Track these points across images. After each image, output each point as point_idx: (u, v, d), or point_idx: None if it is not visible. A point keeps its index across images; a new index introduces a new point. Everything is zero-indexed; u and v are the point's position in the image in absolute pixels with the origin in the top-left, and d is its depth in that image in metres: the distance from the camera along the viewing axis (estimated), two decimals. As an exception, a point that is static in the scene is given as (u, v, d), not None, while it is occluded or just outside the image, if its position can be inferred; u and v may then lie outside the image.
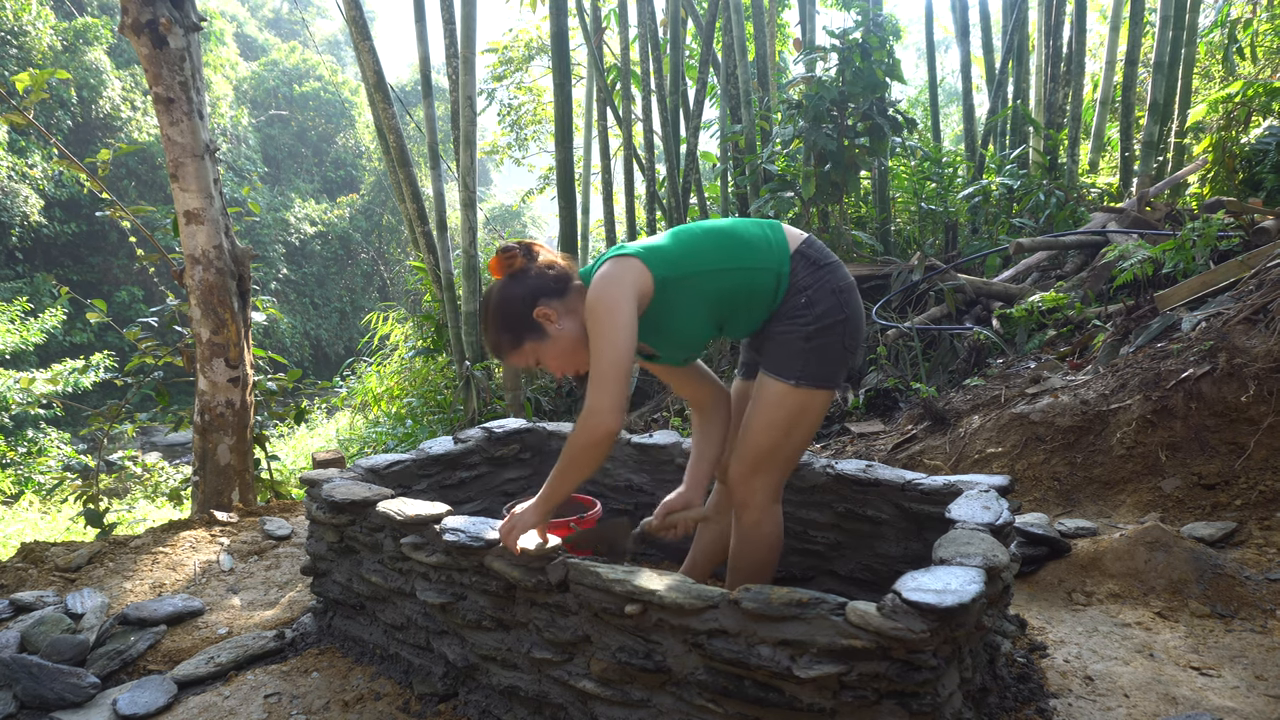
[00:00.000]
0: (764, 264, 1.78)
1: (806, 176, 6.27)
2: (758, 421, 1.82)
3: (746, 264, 1.78)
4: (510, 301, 1.77)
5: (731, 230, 1.84)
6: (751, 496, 1.86)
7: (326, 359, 21.99)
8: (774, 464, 1.85)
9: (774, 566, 1.94)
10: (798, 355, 1.77)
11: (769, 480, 1.86)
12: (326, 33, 33.48)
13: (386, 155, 6.91)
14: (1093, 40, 9.67)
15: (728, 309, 1.82)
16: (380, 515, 1.98)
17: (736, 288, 1.79)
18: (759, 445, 1.82)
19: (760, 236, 1.83)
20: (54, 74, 3.82)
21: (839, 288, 1.80)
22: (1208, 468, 2.79)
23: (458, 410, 6.37)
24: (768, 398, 1.80)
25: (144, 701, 1.94)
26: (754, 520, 1.88)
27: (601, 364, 1.64)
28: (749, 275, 1.78)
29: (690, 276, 1.76)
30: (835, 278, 1.81)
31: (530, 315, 1.76)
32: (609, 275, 1.70)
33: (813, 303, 1.76)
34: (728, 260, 1.78)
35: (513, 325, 1.77)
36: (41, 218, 16.34)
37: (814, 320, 1.76)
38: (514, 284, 1.79)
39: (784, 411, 1.79)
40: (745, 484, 1.86)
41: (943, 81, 15.29)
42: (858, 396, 5.06)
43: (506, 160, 13.67)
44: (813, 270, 1.79)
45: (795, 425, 1.81)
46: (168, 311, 4.19)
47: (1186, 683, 1.82)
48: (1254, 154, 5.81)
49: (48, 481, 7.29)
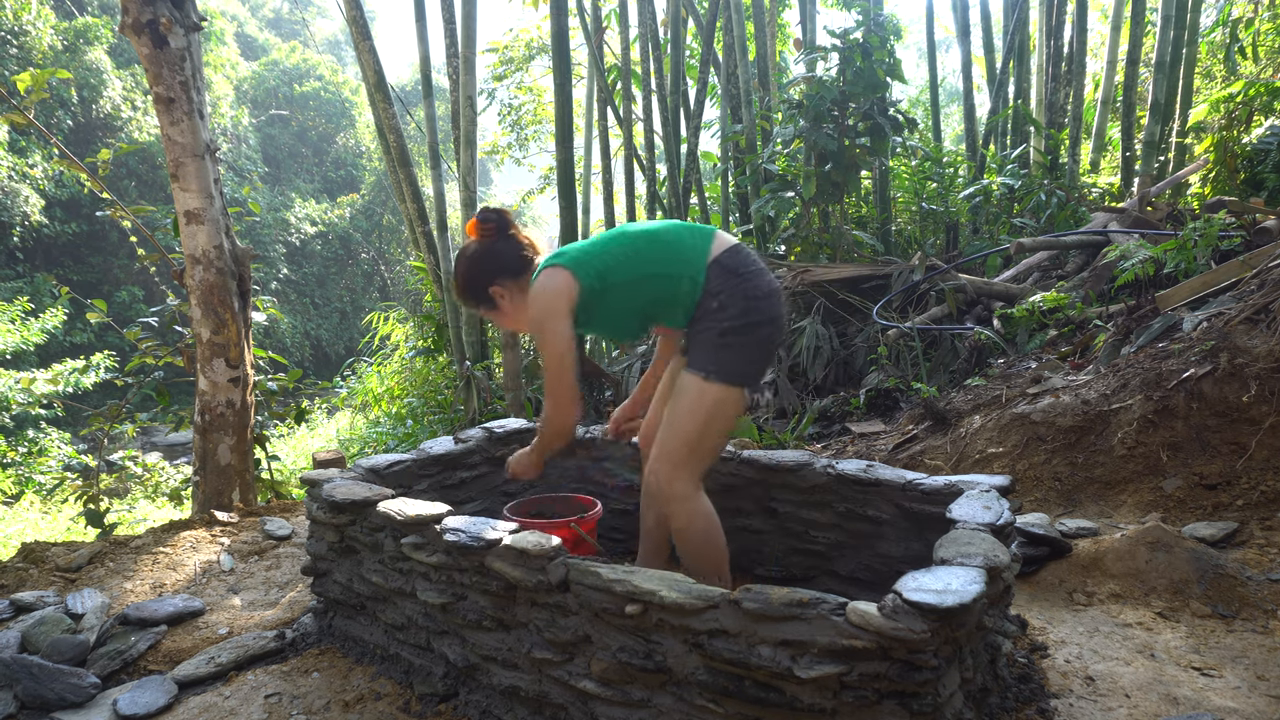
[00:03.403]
0: (681, 271, 1.95)
1: (807, 176, 6.27)
2: (676, 412, 1.94)
3: (665, 270, 1.96)
4: (473, 272, 2.09)
5: (657, 237, 2.01)
6: (675, 487, 1.93)
7: (327, 359, 21.99)
8: (694, 454, 1.94)
9: (723, 549, 1.96)
10: (711, 352, 1.92)
11: (689, 473, 1.94)
12: (327, 32, 33.48)
13: (387, 155, 6.91)
14: (1094, 40, 9.66)
15: (650, 309, 2.02)
16: (381, 515, 1.98)
17: (656, 292, 1.98)
18: (680, 434, 1.93)
19: (683, 244, 1.98)
20: (54, 74, 3.81)
21: (753, 294, 1.92)
22: (1209, 468, 2.79)
23: (458, 410, 6.37)
24: (685, 390, 1.94)
25: (144, 702, 1.94)
26: (684, 520, 1.93)
27: (549, 374, 1.96)
28: (667, 281, 1.96)
29: (614, 285, 1.97)
30: (751, 285, 1.93)
31: (486, 289, 2.07)
32: (543, 291, 1.94)
33: (724, 306, 1.91)
34: (648, 267, 1.97)
35: (472, 291, 2.11)
36: (42, 217, 16.34)
37: (725, 320, 1.90)
38: (481, 256, 2.08)
39: (700, 403, 1.91)
40: (667, 477, 1.93)
41: (943, 81, 15.30)
42: (858, 396, 5.06)
43: (507, 160, 13.66)
44: (727, 277, 1.93)
45: (712, 418, 1.92)
46: (168, 311, 4.19)
47: (1188, 683, 1.81)
48: (1255, 154, 5.80)
49: (48, 481, 7.29)
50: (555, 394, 1.97)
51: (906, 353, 5.11)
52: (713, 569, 1.92)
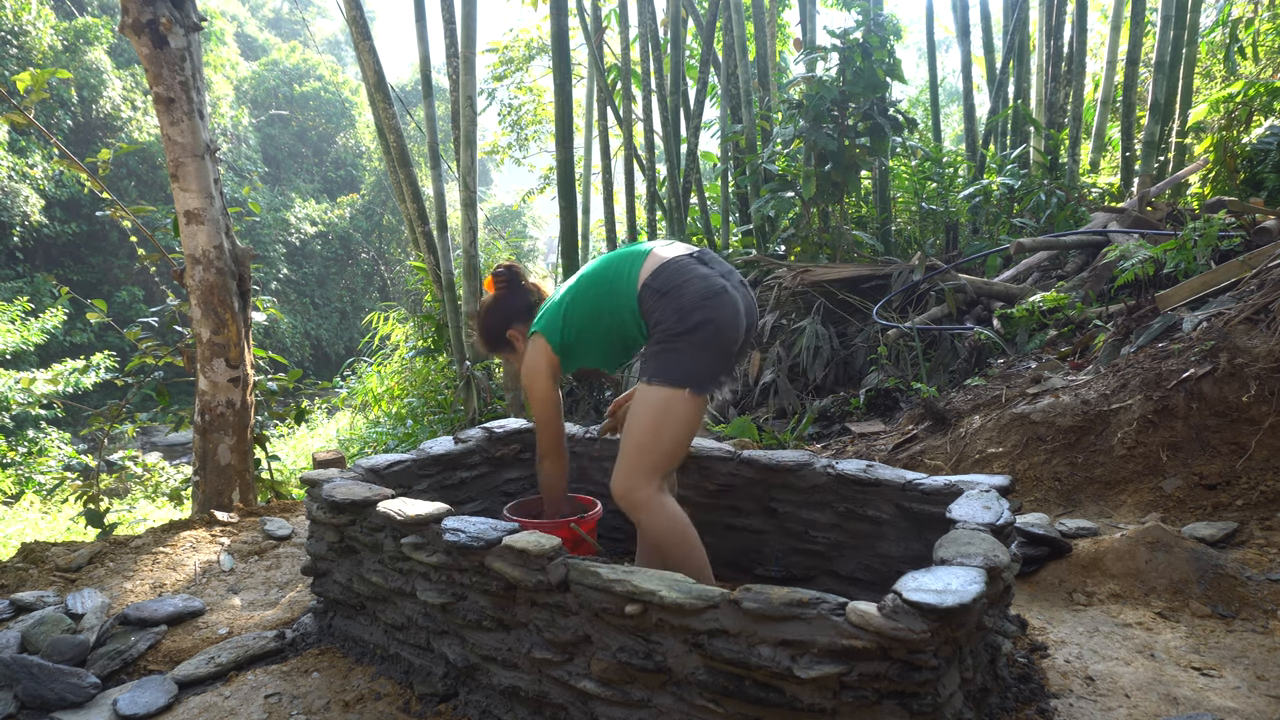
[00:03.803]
0: (620, 304, 2.10)
1: (807, 176, 6.27)
2: (629, 423, 2.04)
3: (607, 308, 2.12)
4: (491, 320, 2.39)
5: (596, 279, 2.16)
6: (634, 495, 1.98)
7: (327, 359, 21.98)
8: (648, 459, 1.99)
9: (698, 548, 1.98)
10: (651, 360, 2.05)
11: (645, 479, 1.99)
12: (327, 32, 33.48)
13: (387, 155, 6.91)
14: (1094, 40, 9.66)
15: (613, 342, 2.18)
16: (380, 515, 1.98)
17: (612, 328, 2.14)
18: (633, 440, 2.01)
19: (619, 276, 2.11)
20: (54, 74, 3.81)
21: (681, 307, 2.00)
22: (1209, 468, 2.79)
23: (458, 410, 6.37)
24: (635, 400, 2.06)
25: (144, 702, 1.94)
26: (648, 517, 1.98)
27: (536, 420, 2.24)
28: (615, 315, 2.12)
29: (579, 336, 2.16)
30: (681, 298, 2.00)
31: (504, 335, 2.37)
32: (528, 360, 2.20)
33: (660, 321, 2.03)
34: (596, 310, 2.14)
35: (491, 338, 2.41)
36: (42, 217, 16.33)
37: (663, 331, 2.02)
38: (498, 305, 2.37)
39: (644, 406, 2.00)
40: (624, 485, 2.00)
41: (943, 81, 15.30)
42: (858, 396, 5.06)
43: (507, 160, 13.66)
44: (657, 298, 2.03)
45: (659, 421, 1.98)
46: (168, 311, 4.19)
47: (1187, 683, 1.81)
48: (1255, 154, 5.81)
49: (48, 481, 7.28)
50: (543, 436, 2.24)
51: (906, 353, 5.11)
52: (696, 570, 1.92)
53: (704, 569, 1.96)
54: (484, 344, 2.44)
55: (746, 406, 5.63)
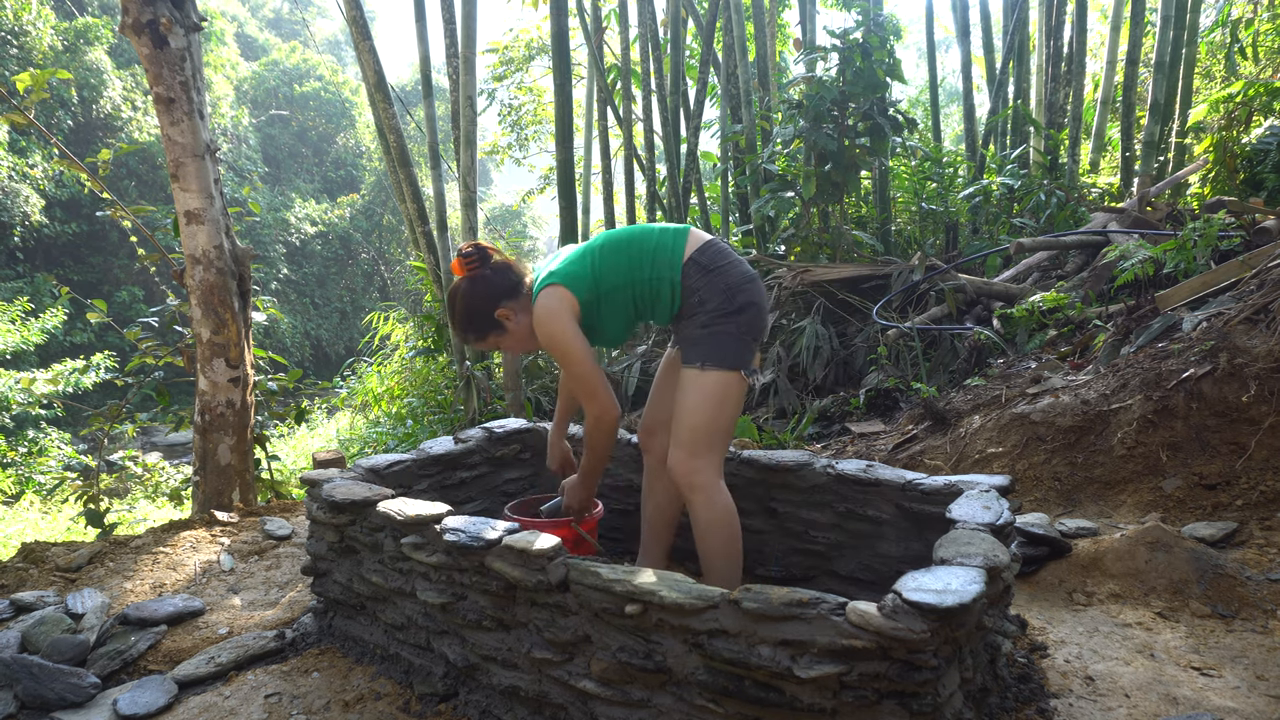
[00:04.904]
0: (662, 274, 2.06)
1: (807, 176, 6.27)
2: (683, 407, 2.03)
3: (647, 275, 2.07)
4: (473, 303, 2.11)
5: (636, 242, 2.09)
6: (696, 477, 2.00)
7: (327, 359, 21.98)
8: (708, 442, 2.01)
9: (739, 540, 2.03)
10: (699, 343, 2.02)
11: (710, 460, 2.01)
12: (327, 33, 33.47)
13: (387, 155, 6.90)
14: (1093, 40, 9.67)
15: (639, 311, 2.13)
16: (380, 515, 1.98)
17: (641, 296, 2.09)
18: (690, 425, 2.01)
19: (661, 246, 2.07)
20: (55, 74, 3.81)
21: (730, 285, 2.02)
22: (1209, 468, 2.79)
23: (458, 410, 6.36)
24: (685, 384, 2.03)
25: (144, 701, 1.94)
26: (705, 500, 2.00)
27: (579, 381, 2.02)
28: (650, 285, 2.07)
29: (604, 294, 2.08)
30: (727, 277, 2.02)
31: (493, 314, 2.10)
32: (548, 310, 2.01)
33: (704, 300, 2.02)
34: (631, 274, 2.07)
35: (478, 323, 2.12)
36: (42, 218, 16.33)
37: (707, 314, 2.02)
38: (477, 285, 2.11)
39: (701, 393, 2.00)
40: (687, 467, 2.01)
41: (943, 81, 15.29)
42: (858, 396, 5.06)
43: (507, 160, 13.66)
44: (703, 274, 2.03)
45: (719, 404, 2.00)
46: (168, 311, 4.19)
47: (1187, 683, 1.81)
48: (1255, 154, 5.81)
49: (48, 481, 7.28)
50: (591, 395, 2.02)
51: (906, 353, 5.11)
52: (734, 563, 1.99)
53: (740, 560, 2.03)
54: (468, 329, 2.14)
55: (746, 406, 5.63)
